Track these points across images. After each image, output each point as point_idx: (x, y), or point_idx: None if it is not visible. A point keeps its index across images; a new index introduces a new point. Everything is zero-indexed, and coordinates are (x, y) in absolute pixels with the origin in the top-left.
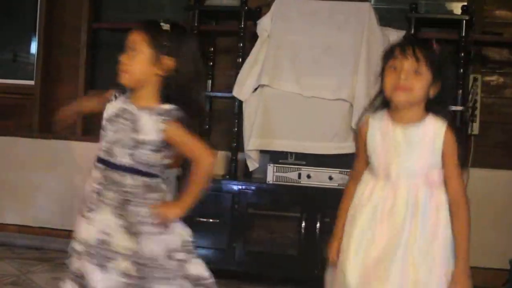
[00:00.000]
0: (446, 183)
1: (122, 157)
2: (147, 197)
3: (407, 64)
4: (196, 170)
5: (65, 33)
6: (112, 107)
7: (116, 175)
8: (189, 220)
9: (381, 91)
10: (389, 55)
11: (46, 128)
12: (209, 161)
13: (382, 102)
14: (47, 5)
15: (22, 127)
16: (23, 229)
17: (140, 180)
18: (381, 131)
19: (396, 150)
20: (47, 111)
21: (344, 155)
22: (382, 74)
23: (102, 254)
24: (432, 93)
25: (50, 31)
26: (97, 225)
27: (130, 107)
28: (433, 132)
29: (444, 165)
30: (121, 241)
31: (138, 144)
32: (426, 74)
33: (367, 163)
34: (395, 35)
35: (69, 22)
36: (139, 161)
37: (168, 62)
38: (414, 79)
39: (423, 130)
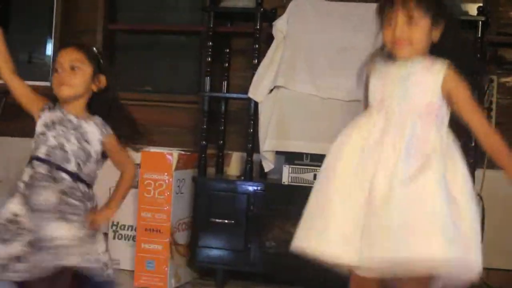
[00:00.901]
0: (465, 119)
1: (67, 163)
2: (79, 202)
3: (400, 17)
4: (124, 178)
5: (81, 34)
6: (49, 115)
7: (61, 177)
8: (204, 221)
9: (383, 45)
10: (382, 8)
11: None
12: (134, 171)
13: (387, 54)
14: (63, 6)
15: None
16: None
17: (80, 186)
18: (382, 70)
19: (393, 82)
20: None
21: None
22: (381, 28)
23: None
24: (436, 36)
25: (65, 33)
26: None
27: (68, 116)
28: (432, 67)
29: (456, 103)
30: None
31: (89, 155)
32: (423, 21)
33: None
34: None
35: (85, 23)
36: (83, 171)
37: (102, 79)
38: (411, 31)
39: (422, 63)
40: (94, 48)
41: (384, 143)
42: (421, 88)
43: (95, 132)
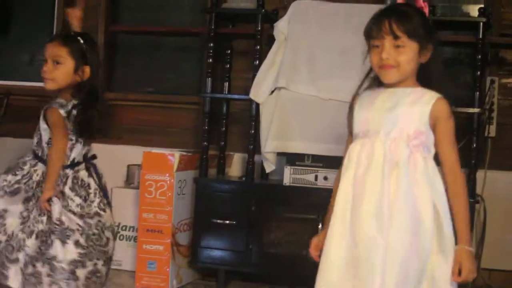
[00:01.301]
0: (438, 151)
1: (32, 145)
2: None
3: (386, 42)
4: (49, 153)
5: None
6: None
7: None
8: (206, 222)
9: (371, 69)
10: (369, 33)
11: None
12: (56, 148)
13: (375, 78)
14: (65, 7)
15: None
16: None
17: (38, 165)
18: (367, 100)
19: (379, 108)
20: None
21: None
22: (368, 52)
23: None
24: (424, 59)
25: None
26: None
27: None
28: (422, 95)
29: (435, 132)
30: None
31: (39, 133)
32: (410, 45)
33: None
34: None
35: (87, 24)
36: (40, 148)
37: (87, 70)
38: (398, 55)
39: (411, 91)
40: (80, 40)
41: (373, 172)
42: (408, 117)
43: (42, 112)
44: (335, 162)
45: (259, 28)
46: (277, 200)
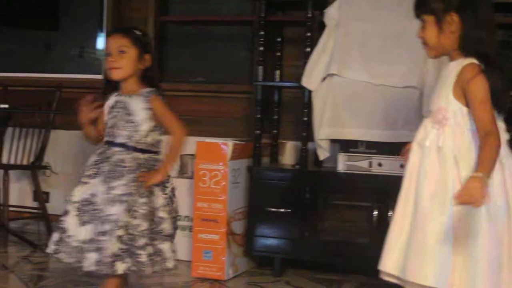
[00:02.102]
0: (473, 117)
1: (120, 137)
2: (134, 168)
3: (420, 24)
4: (171, 141)
5: None
6: (108, 103)
7: (112, 151)
8: (260, 210)
9: None
10: None
11: None
12: (182, 134)
13: None
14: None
15: None
16: None
17: (132, 154)
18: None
19: (435, 87)
20: None
21: None
22: None
23: (85, 210)
24: (452, 28)
25: (116, 26)
26: (89, 188)
27: (121, 98)
28: (456, 67)
29: (467, 99)
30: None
31: (134, 125)
32: (428, 20)
33: None
34: None
35: (136, 16)
36: (135, 139)
37: (148, 58)
38: (423, 32)
39: (455, 64)
40: (138, 31)
41: (413, 152)
42: (437, 95)
43: (138, 102)
44: (389, 148)
45: (310, 15)
46: (331, 187)
